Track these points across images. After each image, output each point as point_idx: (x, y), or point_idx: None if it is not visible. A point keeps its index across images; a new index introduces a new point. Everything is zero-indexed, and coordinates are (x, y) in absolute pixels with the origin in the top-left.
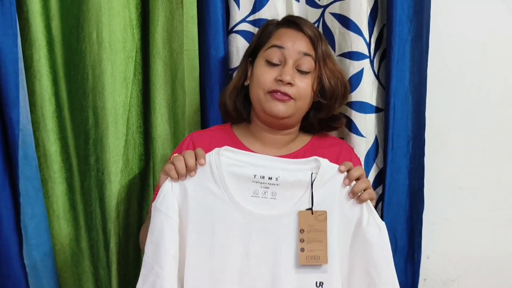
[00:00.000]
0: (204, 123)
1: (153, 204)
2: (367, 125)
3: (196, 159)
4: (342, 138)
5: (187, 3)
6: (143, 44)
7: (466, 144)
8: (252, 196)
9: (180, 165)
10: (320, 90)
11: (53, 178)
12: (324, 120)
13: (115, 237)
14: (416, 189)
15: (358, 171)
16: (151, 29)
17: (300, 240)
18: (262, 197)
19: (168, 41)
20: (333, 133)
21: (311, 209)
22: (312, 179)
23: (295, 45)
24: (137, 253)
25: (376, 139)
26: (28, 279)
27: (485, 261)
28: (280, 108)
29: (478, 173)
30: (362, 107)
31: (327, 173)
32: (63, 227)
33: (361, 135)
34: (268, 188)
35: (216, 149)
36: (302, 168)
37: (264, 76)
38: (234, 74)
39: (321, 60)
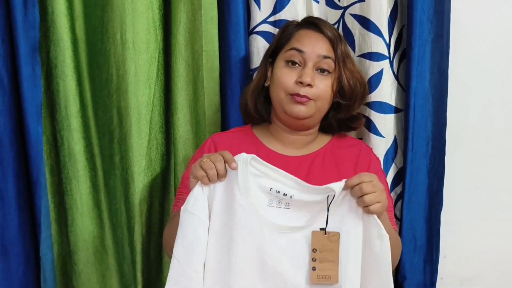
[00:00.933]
0: (224, 123)
1: (183, 207)
2: (386, 125)
3: (225, 163)
4: (361, 139)
5: (206, 4)
6: (166, 45)
7: (483, 144)
8: (268, 205)
9: (212, 172)
10: (339, 91)
11: (77, 176)
12: (343, 120)
13: (139, 235)
14: (435, 189)
15: (356, 184)
16: (173, 30)
17: (312, 259)
18: (276, 206)
19: (190, 42)
20: (352, 133)
21: (324, 229)
22: (329, 202)
23: (315, 48)
24: (158, 251)
25: (395, 139)
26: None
27: (501, 261)
28: (300, 109)
29: (495, 173)
30: (382, 107)
31: (341, 194)
32: (86, 225)
33: (381, 135)
34: (281, 200)
35: (244, 154)
36: (319, 192)
37: (284, 77)
38: (254, 75)
39: (341, 61)
